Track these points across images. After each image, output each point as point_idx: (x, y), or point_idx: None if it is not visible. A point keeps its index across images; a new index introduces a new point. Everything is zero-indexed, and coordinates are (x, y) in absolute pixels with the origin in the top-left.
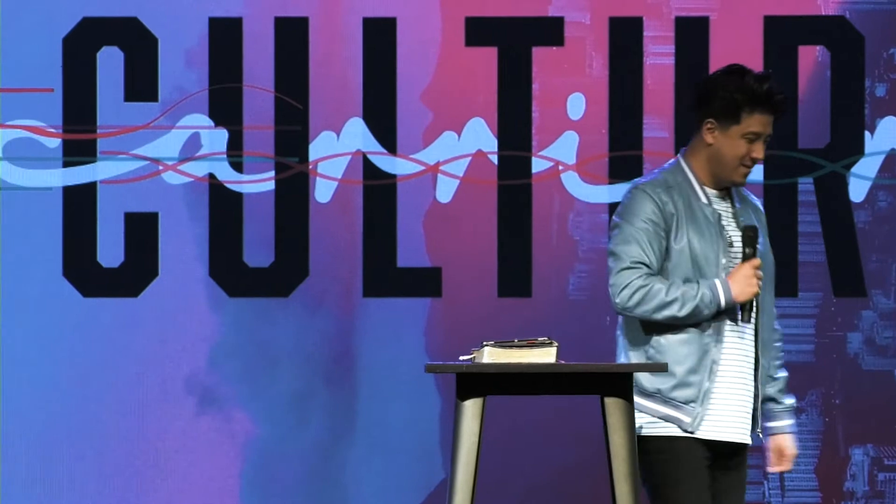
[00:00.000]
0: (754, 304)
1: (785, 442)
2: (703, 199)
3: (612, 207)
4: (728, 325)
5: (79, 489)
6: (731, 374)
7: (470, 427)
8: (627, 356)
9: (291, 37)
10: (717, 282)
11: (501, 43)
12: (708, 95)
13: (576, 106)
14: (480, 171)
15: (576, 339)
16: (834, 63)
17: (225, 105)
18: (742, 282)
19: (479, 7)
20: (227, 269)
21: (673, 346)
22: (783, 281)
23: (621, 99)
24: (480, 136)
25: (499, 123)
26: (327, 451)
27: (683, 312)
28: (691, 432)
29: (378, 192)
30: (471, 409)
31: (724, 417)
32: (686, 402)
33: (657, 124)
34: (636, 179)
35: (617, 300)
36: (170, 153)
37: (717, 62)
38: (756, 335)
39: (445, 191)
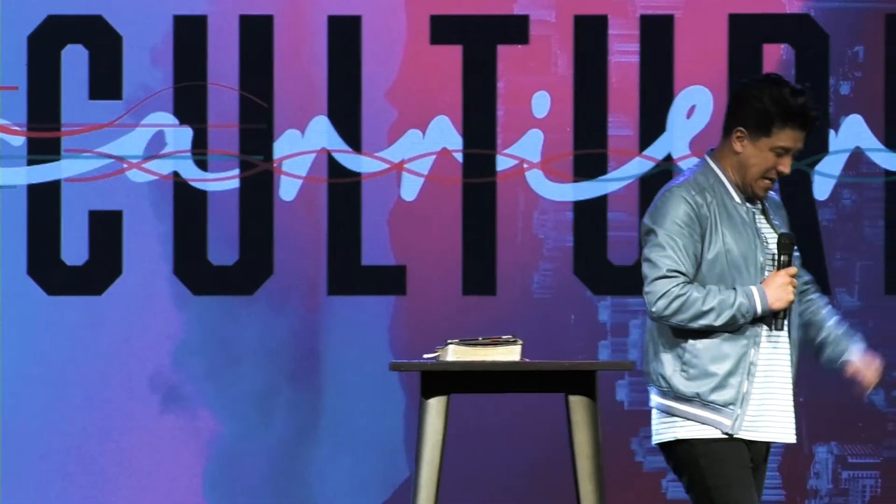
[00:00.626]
0: (789, 311)
1: (862, 360)
2: (737, 199)
3: (577, 205)
4: (765, 328)
5: (43, 487)
6: (769, 376)
7: (434, 425)
8: (660, 359)
9: (256, 35)
10: (754, 289)
11: (466, 41)
12: (741, 103)
13: (541, 104)
14: (445, 169)
15: (540, 338)
16: (798, 61)
17: (190, 103)
18: (778, 290)
19: (444, 5)
20: (192, 267)
21: (710, 349)
22: None
23: (586, 97)
24: (445, 135)
25: (464, 121)
26: (291, 449)
27: (720, 321)
28: (731, 434)
29: (343, 190)
30: (435, 407)
31: (765, 418)
32: (725, 405)
33: (622, 122)
34: (669, 182)
35: (653, 309)
36: (134, 151)
37: (681, 60)
38: (791, 337)
39: (410, 189)
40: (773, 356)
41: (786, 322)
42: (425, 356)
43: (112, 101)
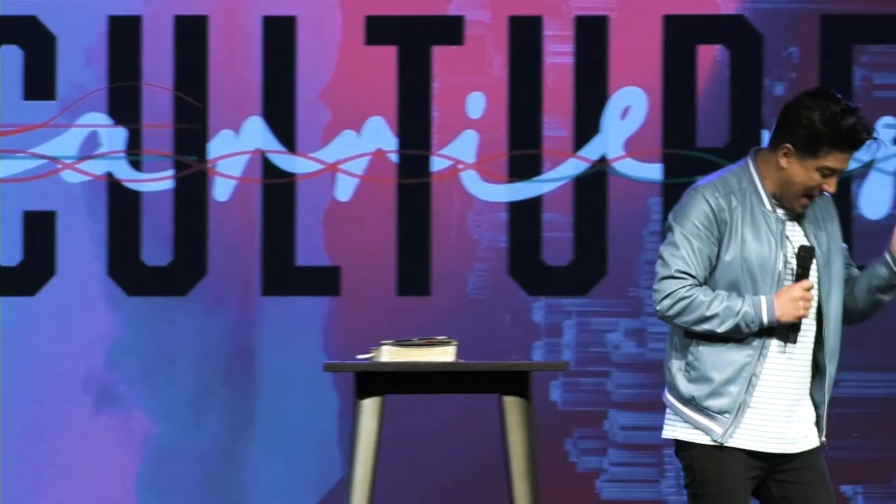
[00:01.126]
0: (800, 327)
1: None
2: (768, 206)
3: (512, 206)
4: (774, 339)
5: None
6: (773, 387)
7: (368, 426)
8: (671, 355)
9: (191, 35)
10: (763, 300)
11: (401, 42)
12: (791, 119)
13: (475, 105)
14: (380, 169)
15: (474, 338)
16: (733, 62)
17: (124, 103)
18: (787, 303)
19: (379, 6)
20: (126, 267)
21: (713, 355)
22: None
23: (521, 98)
24: (380, 135)
25: (398, 122)
26: (225, 449)
27: (723, 328)
28: (720, 443)
29: (277, 190)
30: (369, 408)
31: (762, 428)
32: (720, 413)
33: (557, 123)
34: (699, 181)
35: (658, 307)
36: (68, 152)
37: (616, 61)
38: (819, 345)
39: (345, 189)
40: (783, 368)
41: (797, 337)
42: (359, 357)
43: (46, 101)
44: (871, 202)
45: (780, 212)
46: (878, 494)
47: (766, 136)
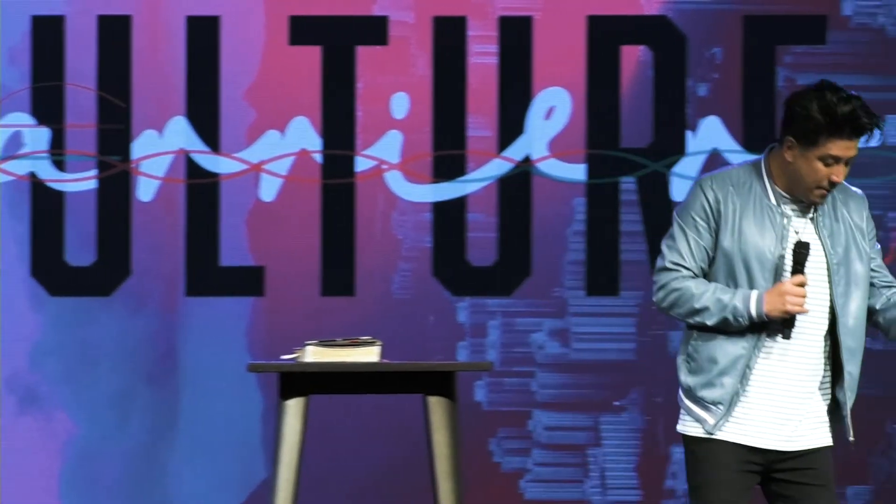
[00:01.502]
0: (794, 322)
1: None
2: (773, 201)
3: (436, 206)
4: (772, 329)
5: None
6: (769, 381)
7: (293, 426)
8: (679, 352)
9: (114, 35)
10: (753, 294)
11: (325, 42)
12: (790, 112)
13: (400, 105)
14: (304, 169)
15: (399, 339)
16: (656, 63)
17: (47, 103)
18: (777, 298)
19: (303, 6)
20: (49, 268)
21: (710, 346)
22: (606, 279)
23: (445, 98)
24: (304, 135)
25: (323, 122)
26: (149, 450)
27: (712, 321)
28: (711, 434)
29: (201, 190)
30: (293, 409)
31: (754, 422)
32: (713, 404)
33: (481, 123)
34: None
35: (654, 299)
36: None
37: (540, 61)
38: (836, 344)
39: (269, 190)
40: (781, 363)
41: (791, 332)
42: (284, 357)
43: None
44: None
45: (787, 208)
46: None
47: (689, 137)
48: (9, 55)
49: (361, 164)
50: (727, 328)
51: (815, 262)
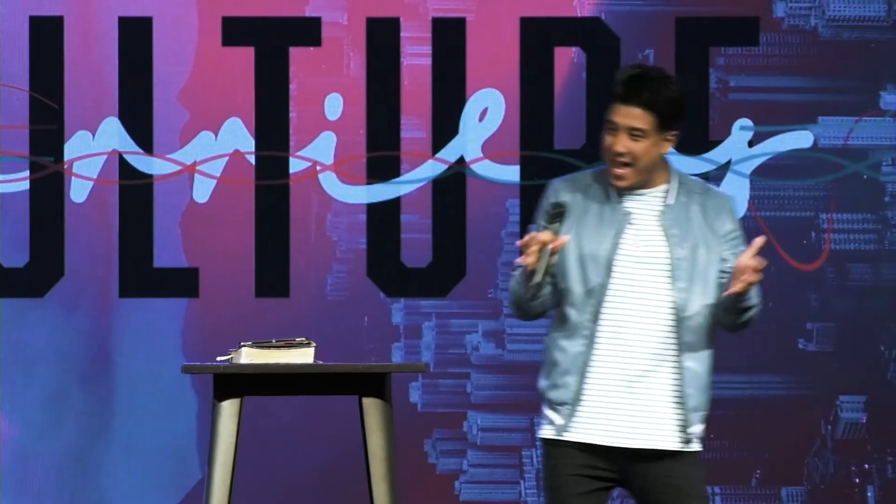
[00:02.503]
0: (538, 272)
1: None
2: (615, 197)
3: (370, 208)
4: (603, 326)
5: None
6: (607, 377)
7: (227, 427)
8: None
9: (46, 35)
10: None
11: (258, 43)
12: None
13: (333, 106)
14: (238, 170)
15: (334, 340)
16: (590, 64)
17: None
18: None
19: (236, 7)
20: None
21: (552, 347)
22: None
23: (379, 99)
24: (238, 136)
25: (256, 123)
26: (83, 452)
27: (512, 298)
28: (561, 436)
29: (134, 191)
30: (228, 410)
31: (596, 419)
32: (560, 404)
33: (415, 124)
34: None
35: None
36: None
37: (473, 63)
38: (678, 339)
39: (202, 191)
40: (616, 358)
41: (537, 283)
42: (218, 359)
43: None
44: None
45: (632, 205)
46: (736, 496)
47: None
48: None
49: (295, 165)
50: (526, 305)
51: (657, 258)
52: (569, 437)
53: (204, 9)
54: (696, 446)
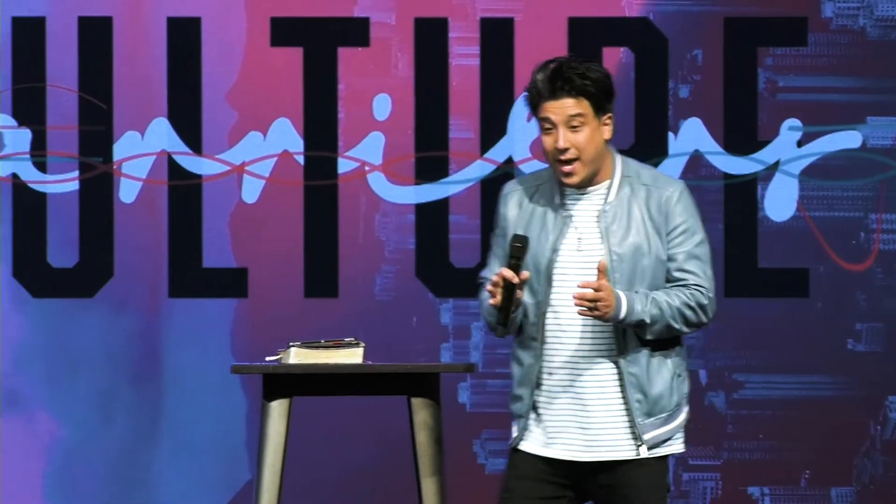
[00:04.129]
0: (504, 310)
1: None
2: (558, 200)
3: (419, 208)
4: (550, 336)
5: None
6: (559, 389)
7: (276, 428)
8: None
9: (95, 36)
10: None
11: (307, 43)
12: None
13: (381, 106)
14: (286, 171)
15: (382, 340)
16: (638, 64)
17: (28, 105)
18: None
19: (285, 7)
20: (31, 269)
21: (512, 359)
22: None
23: (427, 99)
24: (286, 137)
25: (305, 124)
26: (132, 452)
27: (486, 323)
28: (517, 446)
29: (183, 192)
30: (277, 410)
31: (549, 432)
32: (518, 416)
33: (462, 125)
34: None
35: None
36: None
37: (521, 63)
38: (615, 345)
39: (251, 191)
40: (568, 369)
41: (506, 322)
42: (267, 359)
43: None
44: (776, 204)
45: (576, 205)
46: (785, 496)
47: (671, 139)
48: None
49: (344, 165)
50: (500, 332)
51: (596, 261)
52: (525, 447)
53: (252, 9)
54: (656, 451)
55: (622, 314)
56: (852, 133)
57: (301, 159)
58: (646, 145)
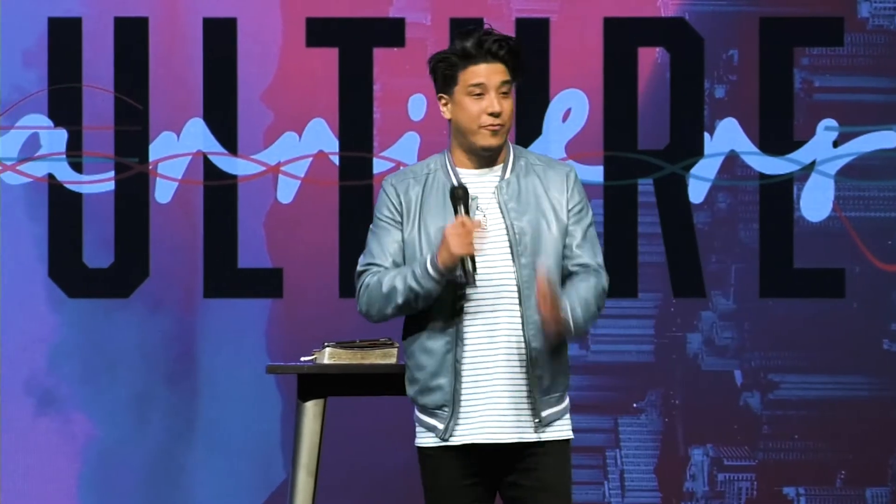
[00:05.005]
0: (470, 265)
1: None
2: (455, 183)
3: None
4: (467, 321)
5: None
6: (482, 373)
7: (311, 428)
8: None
9: (131, 37)
10: (429, 255)
11: (342, 44)
12: (433, 74)
13: (417, 107)
14: (322, 171)
15: None
16: (673, 64)
17: (64, 105)
18: (443, 246)
19: (320, 8)
20: (67, 269)
21: (415, 350)
22: (624, 281)
23: None
24: (321, 137)
25: (340, 124)
26: (167, 452)
27: (403, 299)
28: (445, 440)
29: (218, 192)
30: (311, 410)
31: (479, 419)
32: (437, 408)
33: None
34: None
35: (358, 308)
36: (9, 153)
37: (557, 63)
38: (523, 321)
39: (286, 191)
40: (487, 351)
41: (475, 277)
42: (302, 359)
43: None
44: (812, 204)
45: (470, 186)
46: (821, 496)
47: (707, 139)
48: (25, 57)
49: (379, 165)
50: (423, 301)
51: (499, 236)
52: (455, 440)
53: (288, 10)
54: (557, 433)
55: (570, 323)
56: (888, 133)
57: (336, 159)
58: (681, 145)
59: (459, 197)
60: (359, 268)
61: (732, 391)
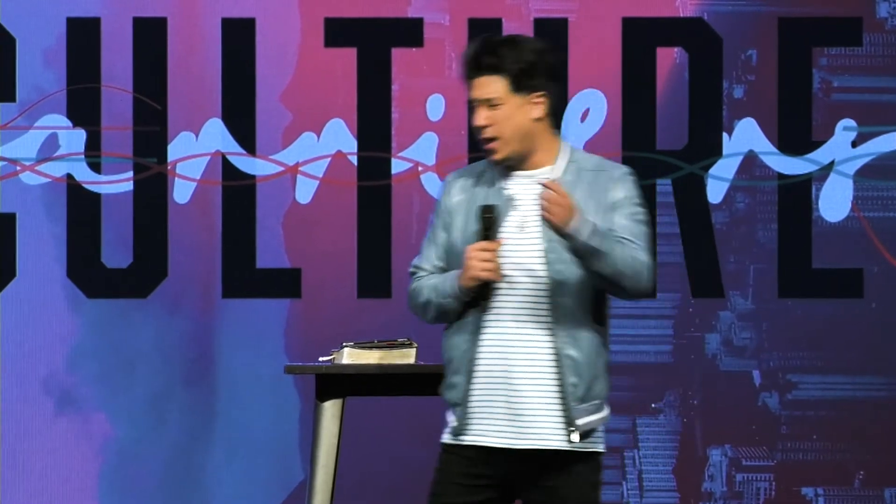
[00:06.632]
0: (488, 292)
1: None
2: (500, 184)
3: None
4: (492, 322)
5: None
6: (493, 373)
7: (329, 428)
8: None
9: (150, 37)
10: (456, 272)
11: (361, 44)
12: None
13: (435, 107)
14: (340, 171)
15: (436, 340)
16: (692, 65)
17: (83, 105)
18: (466, 266)
19: (339, 8)
20: (86, 269)
21: (445, 345)
22: None
23: None
24: (340, 137)
25: (358, 124)
26: (186, 451)
27: (435, 313)
28: (458, 438)
29: (237, 192)
30: (330, 410)
31: (487, 420)
32: (454, 406)
33: None
34: None
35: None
36: (28, 154)
37: (576, 63)
38: (554, 327)
39: (305, 192)
40: (502, 352)
41: (488, 304)
42: (320, 359)
43: (5, 103)
44: (831, 204)
45: (515, 188)
46: (839, 497)
47: (725, 139)
48: (44, 57)
49: (397, 165)
50: (451, 316)
51: (536, 241)
52: (466, 439)
53: (306, 10)
54: (587, 444)
55: (578, 228)
56: None
57: (354, 160)
58: (700, 145)
59: (489, 219)
60: (410, 268)
61: (751, 391)
